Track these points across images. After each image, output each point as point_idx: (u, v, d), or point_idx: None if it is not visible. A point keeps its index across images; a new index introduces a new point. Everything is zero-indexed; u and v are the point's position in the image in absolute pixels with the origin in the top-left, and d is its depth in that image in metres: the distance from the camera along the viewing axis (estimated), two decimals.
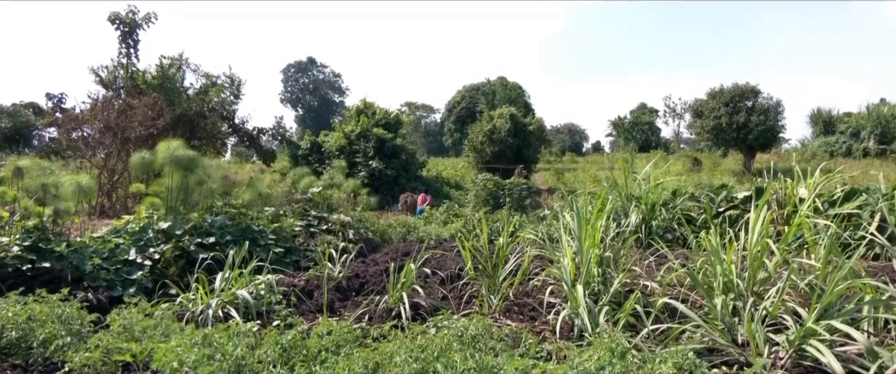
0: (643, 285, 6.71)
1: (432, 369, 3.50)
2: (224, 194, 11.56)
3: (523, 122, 34.61)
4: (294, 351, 4.09)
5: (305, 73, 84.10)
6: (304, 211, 11.96)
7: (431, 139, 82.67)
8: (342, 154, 27.83)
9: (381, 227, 13.29)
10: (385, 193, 24.57)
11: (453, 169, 40.28)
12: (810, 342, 4.33)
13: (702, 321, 5.00)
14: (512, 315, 6.06)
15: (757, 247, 5.56)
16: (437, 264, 8.49)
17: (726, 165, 34.86)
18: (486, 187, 17.98)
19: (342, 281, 7.50)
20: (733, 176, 27.86)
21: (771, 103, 36.55)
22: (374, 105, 30.98)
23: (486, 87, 64.39)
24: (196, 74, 25.01)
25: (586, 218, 6.33)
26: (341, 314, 6.11)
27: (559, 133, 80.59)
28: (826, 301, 4.60)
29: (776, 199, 9.90)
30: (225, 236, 8.47)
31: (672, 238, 10.72)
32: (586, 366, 3.28)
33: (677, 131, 74.05)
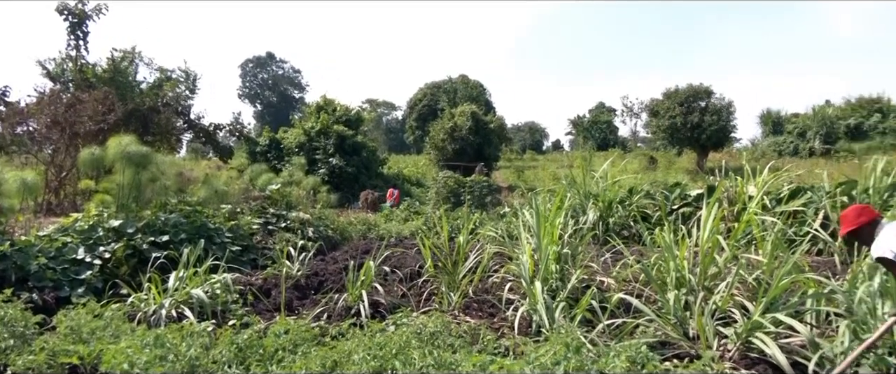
0: (600, 281, 6.84)
1: (390, 366, 3.50)
2: (179, 191, 11.28)
3: (484, 120, 34.79)
4: (250, 351, 4.03)
5: (264, 68, 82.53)
6: (262, 209, 11.75)
7: (393, 136, 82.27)
8: (302, 151, 27.43)
9: (341, 224, 13.18)
10: (345, 190, 24.33)
11: (415, 166, 40.22)
12: (756, 335, 4.50)
13: (655, 316, 5.14)
14: (471, 312, 6.10)
15: (708, 243, 5.74)
16: (398, 262, 8.48)
17: (681, 164, 35.82)
18: (447, 184, 17.99)
19: (301, 279, 7.42)
20: (687, 174, 28.61)
21: (723, 104, 37.67)
22: (334, 102, 30.65)
23: (447, 85, 64.46)
24: (149, 68, 24.25)
25: (545, 216, 6.42)
26: (300, 313, 6.05)
27: (520, 131, 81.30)
28: (772, 295, 4.79)
29: (727, 197, 10.22)
30: (179, 234, 8.27)
31: (628, 235, 10.95)
32: (542, 361, 3.33)
33: (634, 130, 75.77)
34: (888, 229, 3.63)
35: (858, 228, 3.74)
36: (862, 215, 3.74)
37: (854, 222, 3.75)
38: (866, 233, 3.72)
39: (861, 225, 3.73)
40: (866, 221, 3.72)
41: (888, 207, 8.95)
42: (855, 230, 3.76)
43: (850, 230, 3.78)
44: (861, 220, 3.73)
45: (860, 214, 3.76)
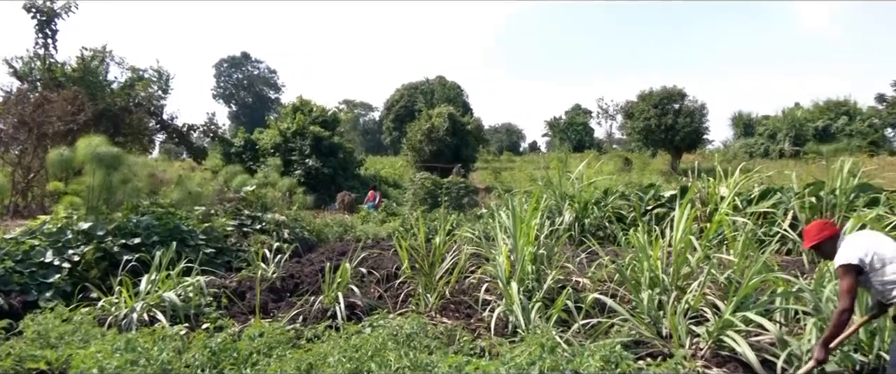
0: (575, 281, 6.91)
1: (366, 368, 3.49)
2: (151, 192, 11.09)
3: (462, 121, 34.82)
4: (224, 354, 3.98)
5: (239, 68, 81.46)
6: (236, 210, 11.62)
7: (370, 138, 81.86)
8: (277, 152, 27.15)
9: (317, 226, 13.09)
10: (322, 191, 24.12)
11: (392, 168, 40.09)
12: (727, 333, 4.58)
13: (629, 315, 5.20)
14: (448, 313, 6.11)
15: (681, 243, 5.83)
16: (374, 264, 8.45)
17: (655, 165, 36.27)
18: (424, 185, 17.97)
19: (276, 282, 7.34)
20: (661, 176, 29.01)
21: (696, 106, 38.35)
22: (310, 103, 30.39)
23: (424, 86, 64.38)
24: (121, 68, 23.69)
25: (521, 217, 6.46)
26: (275, 316, 5.99)
27: (497, 133, 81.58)
28: (742, 294, 4.89)
29: (699, 197, 10.40)
30: (151, 236, 8.13)
31: (604, 236, 11.07)
32: (518, 361, 3.35)
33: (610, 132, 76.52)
34: (848, 240, 3.76)
35: (820, 242, 3.86)
36: (823, 230, 3.86)
37: (816, 237, 3.87)
38: (828, 247, 3.84)
39: (822, 240, 3.85)
40: (827, 235, 3.83)
41: (853, 207, 9.18)
42: (817, 245, 3.88)
43: (812, 245, 3.90)
44: (823, 235, 3.85)
45: (822, 229, 3.88)
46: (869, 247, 3.60)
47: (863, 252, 3.58)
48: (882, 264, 3.52)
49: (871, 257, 3.55)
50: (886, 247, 3.59)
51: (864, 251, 3.58)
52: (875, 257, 3.54)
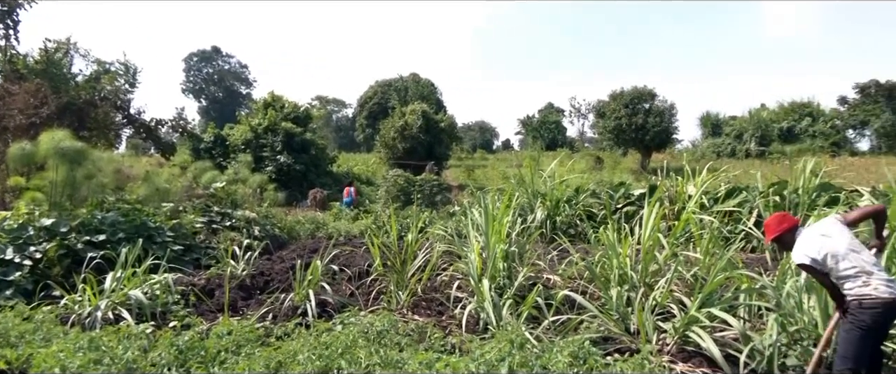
0: (546, 278, 6.97)
1: (336, 366, 3.48)
2: (117, 188, 10.85)
3: (435, 119, 34.83)
4: (191, 353, 3.93)
5: (209, 62, 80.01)
6: (206, 207, 11.43)
7: (343, 134, 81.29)
8: (248, 148, 26.78)
9: (288, 223, 12.95)
10: (293, 188, 23.90)
11: (364, 165, 39.90)
12: (693, 329, 4.68)
13: (598, 312, 5.28)
14: (419, 310, 6.11)
15: (649, 241, 5.93)
16: (346, 261, 8.41)
17: (626, 164, 36.75)
18: (397, 183, 17.93)
19: (246, 279, 7.26)
20: (632, 174, 29.42)
21: (665, 106, 38.99)
22: (282, 98, 30.04)
23: (398, 83, 64.21)
24: (86, 60, 23.07)
25: (493, 214, 6.50)
26: (244, 313, 5.92)
27: (470, 130, 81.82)
28: (707, 291, 4.99)
29: (668, 196, 10.58)
30: (117, 233, 7.96)
31: (575, 233, 11.18)
32: (487, 358, 3.37)
33: (582, 131, 77.39)
34: (805, 234, 3.88)
35: (780, 235, 3.98)
36: (783, 223, 3.99)
37: (776, 230, 3.99)
38: (787, 239, 3.96)
39: (782, 232, 3.97)
40: (787, 228, 3.96)
41: (815, 206, 9.44)
42: (777, 237, 3.99)
43: (773, 238, 4.01)
44: (782, 227, 3.97)
45: (781, 222, 4.00)
46: (822, 246, 3.72)
47: (815, 252, 3.70)
48: (835, 261, 3.64)
49: (823, 255, 3.67)
50: (840, 244, 3.71)
51: (817, 251, 3.70)
52: (828, 256, 3.66)
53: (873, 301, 3.45)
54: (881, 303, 3.44)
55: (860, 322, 3.49)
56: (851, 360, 3.49)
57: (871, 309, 3.46)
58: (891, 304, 3.44)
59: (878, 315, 3.44)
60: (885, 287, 3.49)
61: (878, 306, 3.45)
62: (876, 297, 3.45)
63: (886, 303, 3.44)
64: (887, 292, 3.46)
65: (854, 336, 3.51)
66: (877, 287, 3.49)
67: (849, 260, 3.62)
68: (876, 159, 32.55)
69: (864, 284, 3.53)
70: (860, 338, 3.49)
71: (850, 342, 3.53)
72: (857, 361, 3.48)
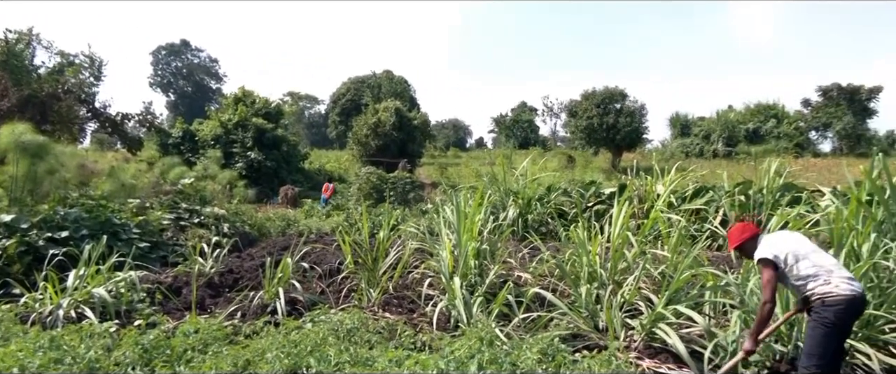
0: (517, 276, 7.02)
1: (305, 364, 3.45)
2: (81, 184, 10.61)
3: (408, 116, 34.77)
4: (156, 352, 3.85)
5: (178, 56, 78.32)
6: (173, 203, 11.23)
7: (315, 131, 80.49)
8: (218, 144, 26.37)
9: (258, 220, 12.80)
10: (264, 185, 23.63)
11: (337, 162, 39.63)
12: (660, 326, 4.76)
13: (567, 309, 5.33)
14: (391, 308, 6.10)
15: (618, 239, 6.01)
16: (317, 259, 8.34)
17: (597, 163, 37.21)
18: (370, 180, 17.86)
19: (214, 277, 7.15)
20: (603, 173, 29.82)
21: (636, 106, 39.56)
22: (253, 93, 29.65)
23: (371, 80, 63.81)
24: (49, 52, 22.47)
25: (465, 212, 6.51)
26: (212, 312, 5.83)
27: (444, 128, 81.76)
28: (674, 288, 5.09)
29: (637, 195, 10.74)
30: (80, 229, 7.77)
31: (546, 231, 11.27)
32: (457, 355, 3.39)
33: (554, 130, 77.98)
34: (767, 238, 4.00)
35: (742, 243, 4.10)
36: (744, 232, 4.11)
37: (738, 239, 4.12)
38: (749, 247, 4.09)
39: (744, 240, 4.09)
40: (748, 236, 4.09)
41: (778, 205, 9.68)
42: (739, 246, 4.12)
43: (736, 246, 4.13)
44: (744, 236, 4.10)
45: (743, 230, 4.13)
46: (784, 245, 3.84)
47: (778, 249, 3.81)
48: (796, 260, 3.75)
49: (785, 253, 3.78)
50: (800, 245, 3.84)
51: (780, 248, 3.81)
52: (790, 255, 3.77)
53: (835, 299, 3.55)
54: (843, 300, 3.54)
55: (824, 320, 3.59)
56: (816, 357, 3.58)
57: (835, 307, 3.56)
58: (852, 301, 3.55)
59: (841, 312, 3.55)
60: (847, 285, 3.60)
61: (841, 304, 3.55)
62: (838, 294, 3.56)
63: (848, 300, 3.54)
64: (848, 290, 3.56)
65: (819, 334, 3.61)
66: (838, 285, 3.59)
67: (810, 259, 3.74)
68: (837, 161, 33.52)
69: (826, 282, 3.64)
70: (825, 335, 3.59)
71: (816, 340, 3.62)
72: (822, 358, 3.57)
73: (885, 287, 4.86)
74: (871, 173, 5.86)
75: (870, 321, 4.70)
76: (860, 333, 4.62)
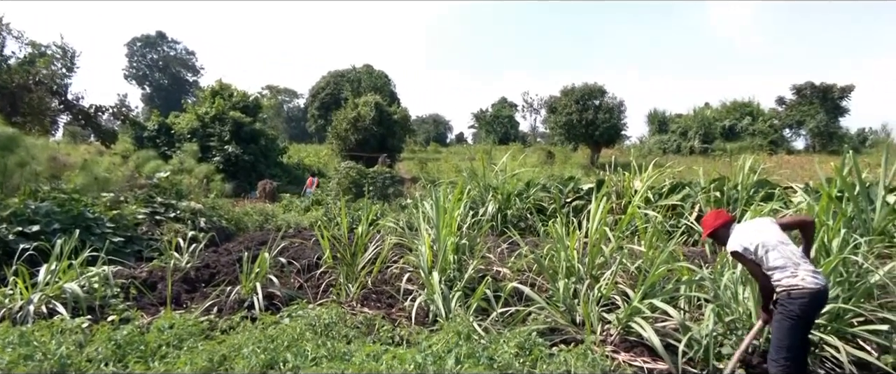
0: (496, 270, 7.04)
1: (282, 359, 3.43)
2: (52, 177, 10.38)
3: (388, 110, 34.59)
4: (130, 347, 3.80)
5: (154, 48, 76.95)
6: (148, 197, 11.05)
7: (294, 125, 79.82)
8: (195, 137, 25.98)
9: (236, 215, 12.66)
10: (242, 179, 23.37)
11: (316, 156, 39.33)
12: (635, 320, 4.82)
13: (545, 304, 5.37)
14: (369, 303, 6.08)
15: (596, 234, 6.06)
16: (295, 254, 8.29)
17: (576, 159, 37.44)
18: (349, 175, 17.74)
19: (190, 272, 7.07)
20: (582, 169, 30.04)
21: (615, 103, 39.85)
22: (231, 87, 29.25)
23: (351, 74, 63.42)
24: (19, 43, 21.89)
25: (445, 207, 6.51)
26: (188, 307, 5.76)
27: (424, 123, 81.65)
28: (649, 282, 5.15)
29: (615, 190, 10.85)
30: (52, 223, 7.62)
31: (525, 226, 11.34)
32: (435, 349, 3.39)
33: (534, 126, 78.30)
34: (737, 229, 4.07)
35: (715, 230, 4.16)
36: (718, 219, 4.17)
37: (712, 226, 4.17)
38: (722, 234, 4.14)
39: (717, 227, 4.15)
40: (721, 223, 4.14)
41: (752, 201, 9.85)
42: (712, 233, 4.17)
43: (709, 233, 4.18)
44: (717, 223, 4.15)
45: (716, 218, 4.18)
46: (754, 237, 3.91)
47: (748, 242, 3.88)
48: (766, 251, 3.83)
49: (755, 245, 3.85)
50: (770, 236, 3.90)
51: (750, 241, 3.88)
52: (759, 246, 3.85)
53: (801, 291, 3.64)
54: (808, 293, 3.62)
55: (790, 312, 3.67)
56: (784, 349, 3.66)
57: (799, 299, 3.64)
58: (816, 294, 3.64)
59: (805, 305, 3.63)
60: (812, 278, 3.68)
61: (806, 296, 3.63)
62: (803, 287, 3.64)
63: (812, 293, 3.63)
64: (813, 283, 3.65)
65: (785, 326, 3.69)
66: (804, 278, 3.68)
67: (778, 251, 3.81)
68: (809, 158, 34.18)
69: (792, 275, 3.72)
70: (791, 328, 3.67)
71: (783, 332, 3.70)
72: (789, 349, 3.65)
73: (854, 282, 4.97)
74: (842, 171, 5.99)
75: (838, 314, 4.81)
76: (829, 326, 4.72)
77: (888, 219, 6.60)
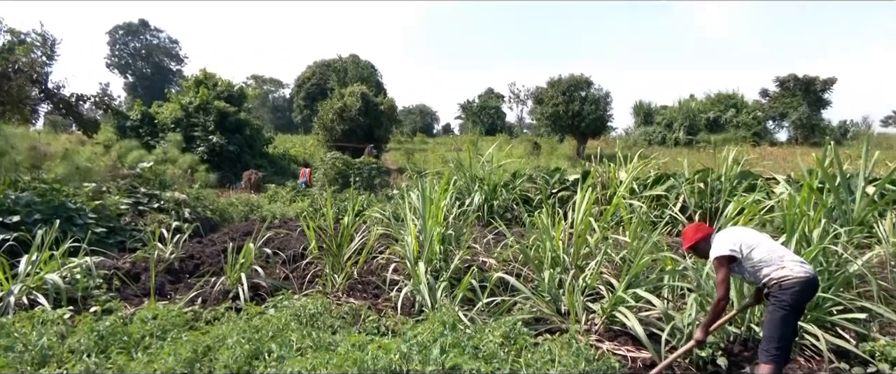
0: (482, 261, 7.07)
1: (267, 349, 3.42)
2: (33, 167, 10.23)
3: (375, 101, 34.39)
4: (113, 338, 3.77)
5: (137, 36, 75.76)
6: (132, 188, 10.93)
7: (280, 115, 79.20)
8: (178, 127, 25.68)
9: (220, 205, 12.56)
10: (227, 169, 23.16)
11: (302, 146, 39.07)
12: (620, 309, 4.87)
13: (531, 294, 5.40)
14: (355, 293, 6.08)
15: (581, 225, 6.10)
16: (281, 244, 8.25)
17: (562, 150, 37.55)
18: (335, 165, 17.68)
19: (175, 263, 7.01)
20: (568, 160, 30.16)
21: (601, 94, 39.96)
22: (215, 76, 28.90)
23: (337, 64, 62.96)
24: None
25: (431, 198, 6.51)
26: (172, 298, 5.72)
27: (411, 114, 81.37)
28: (633, 272, 5.20)
29: (601, 181, 10.90)
30: (32, 214, 7.51)
31: (511, 217, 11.37)
32: (420, 338, 3.40)
33: (520, 117, 78.38)
34: (718, 236, 4.12)
35: (695, 244, 4.20)
36: (697, 233, 4.21)
37: (692, 239, 4.22)
38: (702, 247, 4.20)
39: (697, 241, 4.20)
40: (701, 237, 4.19)
41: (735, 192, 9.95)
42: (692, 246, 4.22)
43: (689, 246, 4.23)
44: (697, 237, 4.20)
45: (696, 231, 4.23)
46: (737, 238, 3.98)
47: (732, 243, 3.94)
48: (750, 249, 3.89)
49: (739, 244, 3.93)
50: (751, 236, 4.00)
51: (733, 242, 3.95)
52: (743, 245, 3.92)
53: (791, 281, 3.69)
54: (798, 282, 3.68)
55: (782, 303, 3.71)
56: (776, 340, 3.70)
57: (791, 289, 3.69)
58: (806, 282, 3.69)
59: (796, 294, 3.68)
60: (800, 267, 3.74)
61: (797, 286, 3.68)
62: (793, 277, 3.69)
63: (803, 281, 3.68)
64: (802, 272, 3.71)
65: (778, 317, 3.73)
66: (792, 268, 3.73)
67: (762, 247, 3.87)
68: (792, 150, 34.57)
69: (780, 267, 3.77)
70: (783, 318, 3.71)
71: (775, 323, 3.74)
72: (780, 339, 3.70)
73: (834, 271, 5.06)
74: (824, 162, 6.07)
75: (818, 303, 4.88)
76: (809, 315, 4.80)
77: (867, 209, 6.71)
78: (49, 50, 22.62)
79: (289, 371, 2.99)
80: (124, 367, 3.25)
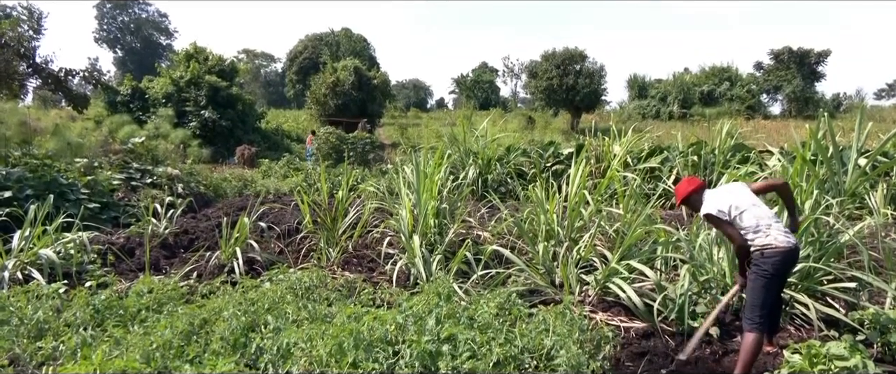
0: (476, 234, 7.10)
1: (263, 321, 3.44)
2: (23, 142, 10.14)
3: (368, 75, 34.09)
4: (109, 312, 3.78)
5: (125, 10, 74.45)
6: (124, 163, 10.86)
7: (272, 90, 78.52)
8: (170, 102, 25.41)
9: (214, 181, 12.51)
10: (219, 145, 23.02)
11: (295, 121, 38.85)
12: (613, 280, 4.91)
13: (525, 266, 5.44)
14: (350, 267, 6.11)
15: (575, 198, 6.12)
16: (275, 219, 8.26)
17: (556, 124, 37.45)
18: (329, 140, 17.62)
19: (169, 238, 7.01)
20: (562, 134, 30.12)
21: (595, 68, 39.76)
22: (206, 50, 28.54)
23: (330, 37, 62.26)
24: None
25: (425, 172, 6.51)
26: (167, 272, 5.74)
27: (404, 88, 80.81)
28: (627, 244, 5.23)
29: (595, 155, 10.92)
30: (25, 189, 7.47)
31: (505, 191, 11.39)
32: (415, 309, 3.42)
33: (515, 91, 77.97)
34: (710, 193, 4.13)
35: (687, 197, 4.20)
36: (689, 186, 4.21)
37: (684, 193, 4.22)
38: (694, 200, 4.20)
39: (689, 194, 4.19)
40: (693, 189, 4.19)
41: (729, 164, 9.99)
42: (685, 199, 4.22)
43: (681, 200, 4.23)
44: (689, 189, 4.20)
45: (688, 185, 4.23)
46: (727, 199, 3.98)
47: (721, 204, 3.95)
48: (739, 213, 3.90)
49: (728, 207, 3.92)
50: (743, 198, 3.98)
51: (723, 203, 3.95)
52: (733, 208, 3.91)
53: (773, 250, 3.72)
54: (779, 252, 3.71)
55: (763, 271, 3.76)
56: (758, 307, 3.76)
57: (772, 258, 3.73)
58: (788, 252, 3.73)
59: (777, 263, 3.72)
60: (784, 237, 3.77)
61: (778, 255, 3.72)
62: (775, 246, 3.72)
63: (784, 251, 3.72)
64: (785, 242, 3.74)
65: (759, 284, 3.78)
66: (776, 237, 3.76)
67: (751, 212, 3.88)
68: (786, 123, 34.61)
69: (765, 235, 3.80)
70: (764, 286, 3.76)
71: (756, 291, 3.79)
72: (762, 307, 3.76)
73: (825, 241, 5.10)
74: (817, 134, 6.08)
75: (809, 273, 4.94)
76: (800, 284, 4.85)
77: (859, 181, 6.75)
78: (36, 24, 22.22)
79: (285, 343, 3.01)
80: (121, 339, 3.26)
